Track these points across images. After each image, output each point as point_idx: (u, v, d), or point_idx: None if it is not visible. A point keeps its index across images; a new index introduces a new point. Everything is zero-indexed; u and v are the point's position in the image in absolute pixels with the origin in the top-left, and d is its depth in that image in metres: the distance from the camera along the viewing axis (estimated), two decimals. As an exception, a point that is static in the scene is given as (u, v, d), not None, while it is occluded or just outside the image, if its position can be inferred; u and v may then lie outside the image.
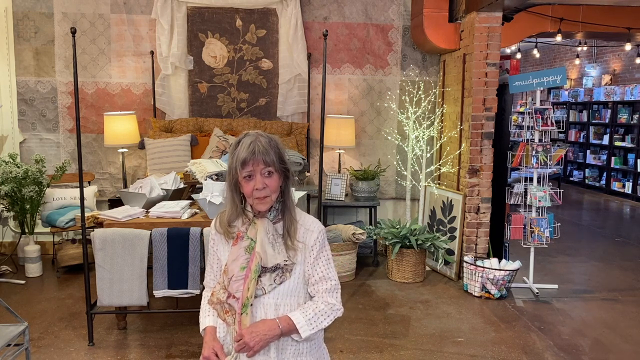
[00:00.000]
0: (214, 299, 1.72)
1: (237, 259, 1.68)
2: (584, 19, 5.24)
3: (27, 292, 4.50)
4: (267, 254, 1.66)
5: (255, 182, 1.63)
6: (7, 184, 4.62)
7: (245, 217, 1.71)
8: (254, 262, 1.65)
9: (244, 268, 1.66)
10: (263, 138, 1.64)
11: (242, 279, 1.65)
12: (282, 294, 1.68)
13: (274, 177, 1.64)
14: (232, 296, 1.67)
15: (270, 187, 1.64)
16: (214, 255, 1.79)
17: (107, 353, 3.44)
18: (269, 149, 1.62)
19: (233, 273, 1.67)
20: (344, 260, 4.87)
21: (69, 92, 5.43)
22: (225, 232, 1.73)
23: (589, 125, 11.04)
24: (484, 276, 4.49)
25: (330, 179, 5.32)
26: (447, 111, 5.42)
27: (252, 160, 1.61)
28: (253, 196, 1.64)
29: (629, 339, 3.81)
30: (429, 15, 5.11)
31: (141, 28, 5.42)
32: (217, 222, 1.77)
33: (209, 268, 1.82)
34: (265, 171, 1.62)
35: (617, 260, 5.76)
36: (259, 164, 1.61)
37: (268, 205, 1.66)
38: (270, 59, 5.53)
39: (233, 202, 1.70)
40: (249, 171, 1.62)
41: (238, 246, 1.69)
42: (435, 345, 3.63)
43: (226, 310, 1.69)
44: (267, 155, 1.62)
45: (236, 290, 1.66)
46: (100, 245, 3.39)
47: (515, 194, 4.81)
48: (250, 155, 1.61)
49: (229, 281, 1.67)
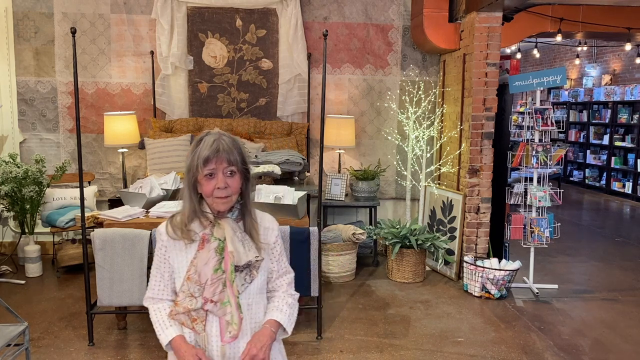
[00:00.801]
0: (180, 309, 1.63)
1: (209, 262, 1.61)
2: (584, 19, 5.24)
3: (27, 292, 4.50)
4: (239, 252, 1.62)
5: (216, 181, 1.58)
6: (7, 184, 4.62)
7: (204, 218, 1.64)
8: (229, 262, 1.61)
9: (217, 270, 1.61)
10: (226, 137, 1.61)
11: (217, 281, 1.61)
12: (253, 293, 1.68)
13: (235, 177, 1.61)
14: (210, 301, 1.61)
15: (231, 187, 1.60)
16: (164, 263, 1.68)
17: (107, 353, 3.44)
18: (232, 148, 1.59)
19: (207, 277, 1.61)
20: (344, 260, 4.87)
21: (69, 92, 5.43)
22: (183, 234, 1.63)
23: (589, 125, 11.04)
24: (484, 276, 4.49)
25: (330, 179, 5.32)
26: (447, 111, 5.42)
27: (215, 158, 1.56)
28: (213, 195, 1.59)
29: (629, 339, 3.81)
30: (429, 15, 5.11)
31: (141, 28, 5.43)
32: (168, 226, 1.66)
33: (159, 278, 1.70)
34: (227, 170, 1.59)
35: (617, 260, 5.76)
36: (222, 162, 1.57)
37: (228, 206, 1.62)
38: (270, 59, 5.54)
39: (191, 203, 1.64)
40: (210, 169, 1.57)
41: (206, 249, 1.62)
42: (435, 345, 3.63)
43: (194, 319, 1.62)
44: (231, 154, 1.58)
45: (213, 293, 1.60)
46: (100, 245, 3.39)
47: (515, 194, 4.81)
48: (214, 153, 1.56)
49: (203, 286, 1.61)
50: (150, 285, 1.72)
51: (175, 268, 1.67)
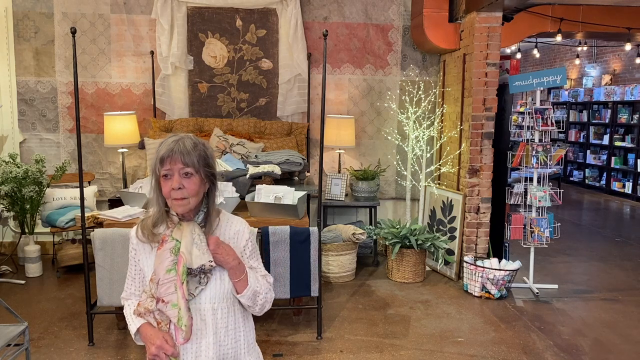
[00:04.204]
0: (141, 309, 1.64)
1: (163, 262, 1.61)
2: (584, 19, 5.24)
3: (27, 292, 4.50)
4: (192, 254, 1.60)
5: (172, 181, 1.57)
6: (7, 184, 4.62)
7: (170, 221, 1.65)
8: (182, 263, 1.59)
9: (170, 270, 1.60)
10: (189, 140, 1.60)
11: (169, 282, 1.60)
12: (219, 298, 1.65)
13: (193, 179, 1.58)
14: (161, 300, 1.60)
15: (188, 189, 1.58)
16: (135, 265, 1.72)
17: (107, 353, 3.44)
18: (190, 150, 1.57)
19: (159, 277, 1.60)
20: (344, 260, 4.87)
21: (69, 92, 5.43)
22: (150, 236, 1.65)
23: (589, 125, 11.04)
24: (484, 276, 4.49)
25: (330, 179, 5.32)
26: (447, 111, 5.42)
27: (169, 158, 1.56)
28: (171, 197, 1.58)
29: (629, 339, 3.81)
30: (429, 15, 5.11)
31: (141, 28, 5.42)
32: (138, 230, 1.68)
33: (130, 279, 1.74)
34: (183, 172, 1.57)
35: (617, 260, 5.76)
36: (176, 163, 1.56)
37: (186, 208, 1.60)
38: (270, 59, 5.53)
39: (157, 204, 1.64)
40: (166, 170, 1.57)
41: (163, 249, 1.62)
42: (435, 345, 3.63)
43: (158, 322, 1.62)
44: (187, 155, 1.56)
45: (164, 294, 1.60)
46: (100, 245, 3.39)
47: (515, 194, 4.81)
48: (169, 152, 1.57)
49: (156, 286, 1.61)
50: (125, 286, 1.77)
51: (145, 271, 1.70)
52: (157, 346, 1.59)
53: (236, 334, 1.69)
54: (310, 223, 4.04)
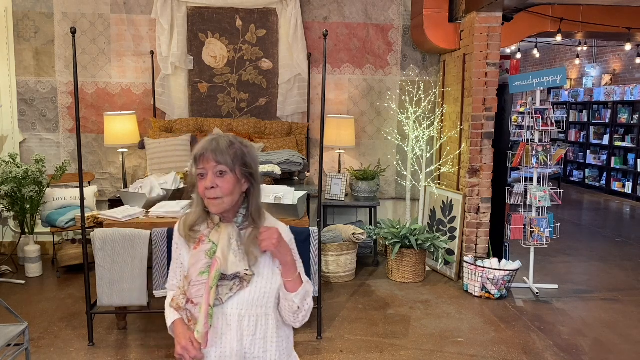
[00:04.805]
0: (174, 304, 1.65)
1: (197, 263, 1.59)
2: (584, 19, 5.24)
3: (27, 292, 4.50)
4: (228, 260, 1.57)
5: (206, 180, 1.55)
6: (7, 184, 4.62)
7: (211, 221, 1.63)
8: (215, 268, 1.56)
9: (203, 273, 1.58)
10: (225, 139, 1.58)
11: (200, 284, 1.58)
12: (247, 304, 1.61)
13: (227, 178, 1.55)
14: (191, 301, 1.60)
15: (221, 188, 1.55)
16: (177, 259, 1.72)
17: (107, 353, 3.44)
18: (225, 149, 1.55)
19: (192, 278, 1.59)
20: (344, 260, 4.87)
21: (69, 92, 5.43)
22: (187, 236, 1.64)
23: (589, 125, 11.04)
24: (484, 276, 4.49)
25: (330, 179, 5.32)
26: (447, 111, 5.42)
27: (202, 157, 1.55)
28: (205, 196, 1.57)
29: (629, 339, 3.81)
30: (429, 15, 5.11)
31: (141, 28, 5.42)
32: (180, 225, 1.68)
33: (172, 272, 1.75)
34: (216, 170, 1.55)
35: (617, 260, 5.76)
36: (209, 161, 1.54)
37: (221, 208, 1.57)
38: (270, 59, 5.53)
39: (197, 204, 1.63)
40: (201, 169, 1.56)
41: (199, 250, 1.60)
42: (435, 345, 3.63)
43: (189, 319, 1.61)
44: (220, 154, 1.54)
45: (194, 295, 1.59)
46: (100, 245, 3.39)
47: (515, 194, 4.81)
48: (202, 151, 1.55)
49: (188, 286, 1.60)
50: (168, 277, 1.78)
51: (185, 265, 1.69)
52: (182, 347, 1.59)
53: (265, 344, 1.64)
54: (310, 223, 4.03)
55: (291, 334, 1.76)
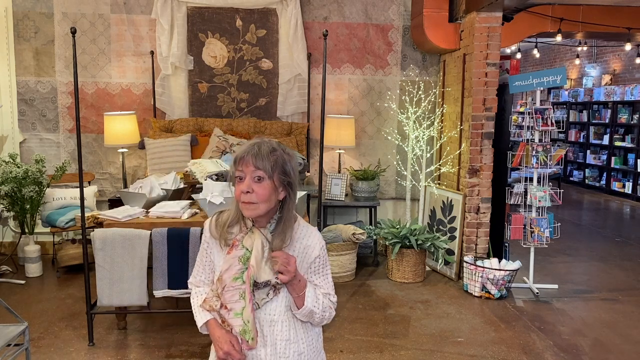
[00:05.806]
0: (207, 305, 1.65)
1: (230, 269, 1.60)
2: (584, 19, 5.24)
3: (27, 292, 4.50)
4: (260, 269, 1.58)
5: (243, 184, 1.56)
6: (7, 184, 4.62)
7: (244, 224, 1.63)
8: (250, 276, 1.57)
9: (237, 279, 1.59)
10: (267, 145, 1.57)
11: (234, 290, 1.59)
12: (278, 311, 1.63)
13: (264, 184, 1.54)
14: (225, 307, 1.61)
15: (257, 194, 1.54)
16: (207, 256, 1.72)
17: (107, 353, 3.44)
18: (266, 155, 1.54)
19: (225, 283, 1.60)
20: (344, 260, 4.87)
21: (69, 92, 5.43)
22: (222, 236, 1.64)
23: (589, 125, 11.04)
24: (484, 276, 4.49)
25: (330, 179, 5.32)
26: (447, 111, 5.42)
27: (242, 160, 1.55)
28: (241, 199, 1.56)
29: (629, 339, 3.81)
30: (429, 15, 5.11)
31: (141, 28, 5.42)
32: (212, 224, 1.68)
33: (201, 266, 1.74)
34: (254, 175, 1.54)
35: (617, 260, 5.76)
36: (248, 166, 1.54)
37: (254, 213, 1.57)
38: (270, 59, 5.53)
39: (235, 205, 1.63)
40: (239, 171, 1.56)
41: (232, 255, 1.61)
42: (435, 345, 3.63)
43: (223, 320, 1.63)
44: (260, 159, 1.53)
45: (228, 300, 1.60)
46: (100, 245, 3.39)
47: (515, 194, 4.81)
48: (242, 154, 1.56)
49: (222, 290, 1.61)
50: (194, 271, 1.77)
51: (215, 264, 1.70)
52: (225, 352, 1.60)
53: (299, 347, 1.66)
54: (310, 223, 4.03)
55: (320, 331, 1.78)
